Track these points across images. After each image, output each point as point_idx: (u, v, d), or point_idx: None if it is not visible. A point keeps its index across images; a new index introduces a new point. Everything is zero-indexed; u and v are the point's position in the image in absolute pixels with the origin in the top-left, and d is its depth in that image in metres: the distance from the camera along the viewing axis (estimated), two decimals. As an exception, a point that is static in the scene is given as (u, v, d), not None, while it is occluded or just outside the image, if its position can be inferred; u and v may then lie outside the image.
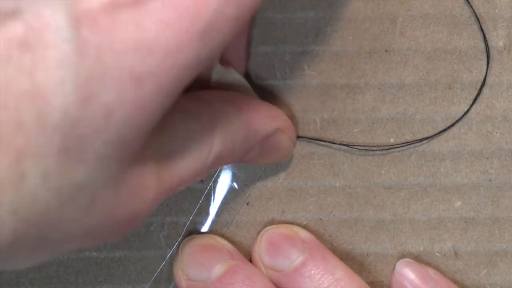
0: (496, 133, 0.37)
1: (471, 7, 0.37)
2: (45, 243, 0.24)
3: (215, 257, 0.35)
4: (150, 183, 0.27)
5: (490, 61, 0.37)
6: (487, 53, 0.37)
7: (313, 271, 0.35)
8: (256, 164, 0.36)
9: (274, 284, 0.35)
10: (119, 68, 0.23)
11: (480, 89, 0.37)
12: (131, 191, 0.26)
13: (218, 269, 0.35)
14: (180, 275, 0.35)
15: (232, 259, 0.35)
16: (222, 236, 0.37)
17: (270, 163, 0.36)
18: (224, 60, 0.34)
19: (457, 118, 0.37)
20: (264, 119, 0.33)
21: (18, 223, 0.22)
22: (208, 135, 0.30)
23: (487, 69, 0.37)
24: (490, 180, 0.37)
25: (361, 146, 0.37)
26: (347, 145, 0.37)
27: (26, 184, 0.22)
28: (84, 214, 0.24)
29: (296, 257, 0.35)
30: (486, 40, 0.37)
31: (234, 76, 0.34)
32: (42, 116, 0.22)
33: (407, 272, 0.36)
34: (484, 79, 0.37)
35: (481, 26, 0.37)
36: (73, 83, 0.22)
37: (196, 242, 0.36)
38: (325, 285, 0.35)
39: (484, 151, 0.37)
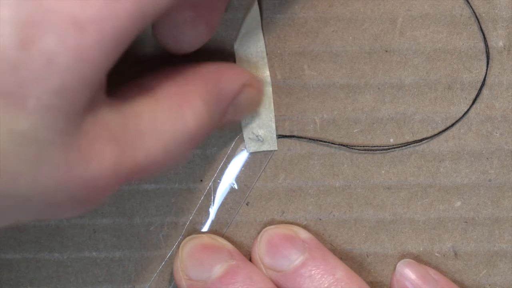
0: (496, 133, 0.37)
1: (471, 7, 0.37)
2: None
3: (215, 257, 0.35)
4: (106, 153, 0.26)
5: (490, 61, 0.37)
6: (486, 53, 0.37)
7: (313, 271, 0.35)
8: (233, 123, 0.36)
9: (274, 284, 0.35)
10: (59, 14, 0.23)
11: (480, 89, 0.37)
12: (82, 154, 0.25)
13: (218, 269, 0.35)
14: (180, 275, 0.35)
15: (232, 259, 0.35)
16: (222, 236, 0.37)
17: (245, 116, 0.36)
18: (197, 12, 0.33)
19: (457, 118, 0.37)
20: (230, 79, 0.33)
21: None
22: (178, 112, 0.29)
23: (486, 69, 0.37)
24: (490, 180, 0.37)
25: (360, 146, 0.37)
26: (346, 146, 0.37)
27: None
28: (32, 169, 0.24)
29: (296, 257, 0.35)
30: (486, 40, 0.37)
31: None
32: None
33: (408, 272, 0.36)
34: (484, 79, 0.37)
35: (481, 26, 0.37)
36: (12, 25, 0.22)
37: (196, 242, 0.36)
38: (325, 285, 0.35)
39: (484, 151, 0.37)
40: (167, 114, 0.29)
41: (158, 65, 0.33)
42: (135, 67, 0.33)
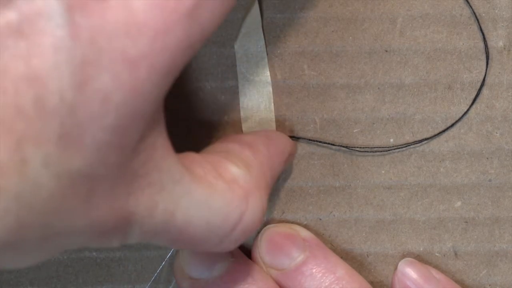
0: (496, 133, 0.37)
1: (471, 7, 0.37)
2: (50, 232, 0.24)
3: (216, 256, 0.35)
4: (143, 198, 0.26)
5: (490, 61, 0.37)
6: (486, 53, 0.37)
7: (314, 270, 0.35)
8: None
9: (275, 282, 0.35)
10: (112, 51, 0.23)
11: (480, 90, 0.37)
12: (126, 187, 0.26)
13: (219, 268, 0.35)
14: (181, 274, 0.35)
15: (233, 257, 0.35)
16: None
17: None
18: None
19: (457, 118, 0.37)
20: (282, 148, 0.34)
21: (22, 209, 0.22)
22: (239, 200, 0.29)
23: (486, 70, 0.37)
24: (490, 180, 0.37)
25: (360, 148, 0.37)
26: (346, 147, 0.37)
27: (27, 169, 0.22)
28: (85, 203, 0.24)
29: (297, 256, 0.35)
30: (486, 41, 0.37)
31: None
32: (39, 100, 0.22)
33: (410, 272, 0.36)
34: (484, 80, 0.37)
35: (480, 26, 0.37)
36: (68, 67, 0.22)
37: None
38: (326, 284, 0.35)
39: (484, 151, 0.37)
40: (227, 197, 0.29)
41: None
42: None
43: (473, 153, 0.37)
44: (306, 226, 0.37)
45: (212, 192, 0.28)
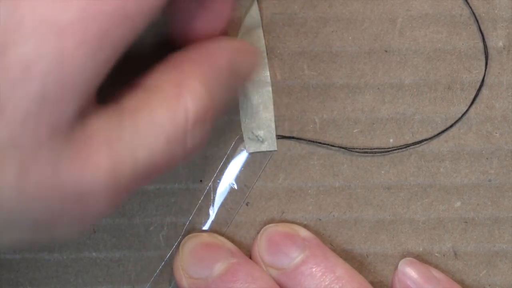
0: (496, 133, 0.37)
1: (471, 7, 0.37)
2: None
3: (216, 255, 0.35)
4: (100, 159, 0.25)
5: (490, 61, 0.37)
6: (485, 53, 0.37)
7: (313, 269, 0.35)
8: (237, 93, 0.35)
9: (275, 282, 0.35)
10: (36, 18, 0.22)
11: (479, 90, 0.37)
12: (73, 164, 0.24)
13: (219, 267, 0.35)
14: (180, 273, 0.35)
15: (233, 256, 0.35)
16: (222, 236, 0.37)
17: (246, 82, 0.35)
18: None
19: (456, 118, 0.37)
20: (220, 53, 0.31)
21: None
22: (175, 100, 0.27)
23: (485, 70, 0.37)
24: (489, 181, 0.37)
25: (360, 149, 0.37)
26: (346, 148, 0.37)
27: None
28: (17, 181, 0.23)
29: (296, 255, 0.35)
30: (485, 41, 0.37)
31: None
32: None
33: (410, 271, 0.36)
34: (483, 80, 0.37)
35: (480, 27, 0.37)
36: None
37: (196, 240, 0.36)
38: (326, 283, 0.35)
39: (483, 152, 0.37)
40: (164, 104, 0.27)
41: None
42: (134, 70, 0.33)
43: (473, 153, 0.37)
44: (306, 226, 0.37)
45: (150, 112, 0.27)
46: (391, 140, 0.37)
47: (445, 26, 0.37)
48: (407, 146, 0.37)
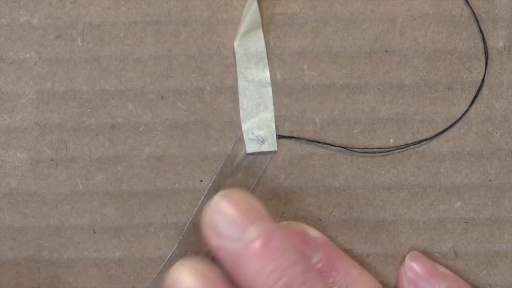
0: (496, 133, 0.37)
1: (471, 7, 0.37)
2: None
3: (250, 217, 0.31)
4: None
5: (490, 61, 0.37)
6: (485, 53, 0.37)
7: (329, 270, 0.34)
8: None
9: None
10: None
11: (479, 90, 0.37)
12: None
13: (253, 231, 0.31)
14: (209, 232, 0.32)
15: (267, 221, 0.32)
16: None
17: None
18: None
19: (457, 118, 0.37)
20: None
21: None
22: None
23: (485, 70, 0.37)
24: (490, 181, 0.37)
25: (360, 149, 0.37)
26: (346, 148, 0.37)
27: None
28: None
29: (311, 255, 0.34)
30: (485, 41, 0.37)
31: None
32: None
33: (416, 266, 0.36)
34: (483, 80, 0.37)
35: (480, 27, 0.37)
36: None
37: (230, 198, 0.32)
38: (340, 284, 0.34)
39: (484, 152, 0.37)
40: None
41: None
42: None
43: (473, 154, 0.37)
44: (306, 227, 0.37)
45: None
46: (391, 140, 0.37)
47: (445, 26, 0.37)
48: (407, 146, 0.37)
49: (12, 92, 0.36)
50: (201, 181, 0.37)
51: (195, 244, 0.37)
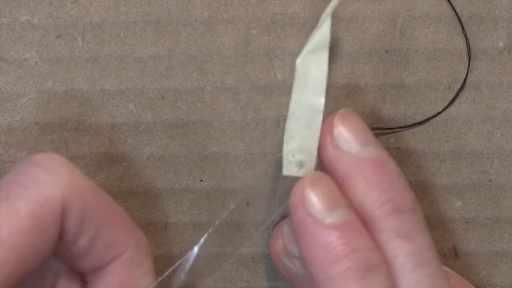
0: (497, 133, 0.37)
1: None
2: None
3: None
4: None
5: (490, 61, 0.37)
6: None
7: None
8: None
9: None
10: None
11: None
12: None
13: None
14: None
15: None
16: (222, 236, 0.37)
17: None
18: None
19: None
20: None
21: None
22: None
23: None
24: (490, 181, 0.37)
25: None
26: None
27: None
28: None
29: None
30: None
31: None
32: None
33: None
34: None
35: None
36: None
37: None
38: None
39: (484, 152, 0.37)
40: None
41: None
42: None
43: (474, 153, 0.37)
44: (306, 226, 0.37)
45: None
46: (392, 140, 0.37)
47: (445, 26, 0.37)
48: (380, 129, 0.37)
49: (13, 92, 0.36)
50: (201, 181, 0.37)
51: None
